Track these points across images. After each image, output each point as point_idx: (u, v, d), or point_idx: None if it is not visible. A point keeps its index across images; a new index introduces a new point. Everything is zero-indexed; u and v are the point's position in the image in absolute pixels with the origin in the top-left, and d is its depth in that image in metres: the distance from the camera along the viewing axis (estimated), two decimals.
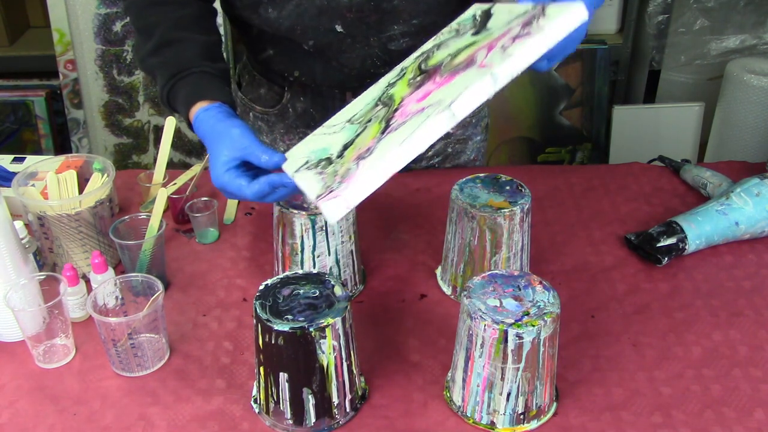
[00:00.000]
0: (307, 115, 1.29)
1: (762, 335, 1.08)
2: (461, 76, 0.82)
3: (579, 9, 0.77)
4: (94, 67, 2.31)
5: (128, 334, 1.00)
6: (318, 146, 0.97)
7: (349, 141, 0.90)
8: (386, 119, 0.87)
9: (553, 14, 0.78)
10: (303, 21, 1.11)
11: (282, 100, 1.29)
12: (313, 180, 0.88)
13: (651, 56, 2.48)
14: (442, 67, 0.89)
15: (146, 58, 1.10)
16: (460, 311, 0.92)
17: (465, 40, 0.92)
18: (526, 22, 0.81)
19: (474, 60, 0.83)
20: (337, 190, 0.80)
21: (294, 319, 0.88)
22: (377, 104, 0.94)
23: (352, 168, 0.81)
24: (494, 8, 0.94)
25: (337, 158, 0.88)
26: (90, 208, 1.15)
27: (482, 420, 0.93)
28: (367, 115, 0.93)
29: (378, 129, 0.87)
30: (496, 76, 0.77)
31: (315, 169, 0.90)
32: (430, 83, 0.87)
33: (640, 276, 1.19)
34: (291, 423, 0.93)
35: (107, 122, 2.38)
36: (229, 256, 1.25)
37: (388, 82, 0.98)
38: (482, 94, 0.77)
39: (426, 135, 0.77)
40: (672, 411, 0.96)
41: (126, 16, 2.15)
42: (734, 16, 2.41)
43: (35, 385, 1.01)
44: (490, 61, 0.79)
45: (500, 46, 0.80)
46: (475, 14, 0.96)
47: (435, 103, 0.80)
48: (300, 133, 1.31)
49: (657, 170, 1.47)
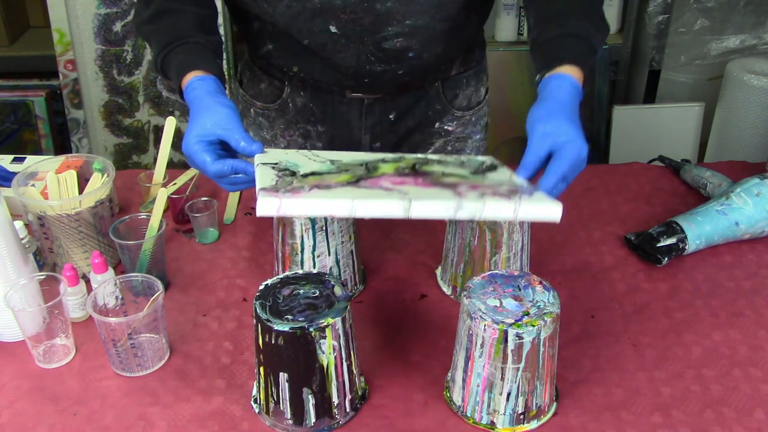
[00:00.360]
0: (307, 110, 1.29)
1: (762, 335, 1.08)
2: (437, 189, 0.91)
3: (556, 210, 0.86)
4: (94, 67, 2.31)
5: (128, 334, 1.00)
6: (294, 160, 1.01)
7: (319, 172, 0.96)
8: (359, 177, 0.95)
9: (535, 201, 0.87)
10: (298, 22, 1.11)
11: (282, 95, 1.29)
12: (268, 177, 0.92)
13: (651, 56, 2.48)
14: (430, 175, 0.98)
15: (143, 25, 1.14)
16: (460, 311, 0.92)
17: (462, 171, 1.01)
18: (513, 190, 0.90)
19: (455, 186, 0.92)
20: (280, 193, 0.84)
21: (294, 319, 0.88)
22: (363, 165, 1.00)
23: (304, 188, 0.87)
24: (501, 167, 1.03)
25: (301, 176, 0.93)
26: (90, 208, 1.15)
27: (482, 420, 0.93)
28: (348, 166, 0.99)
29: (347, 179, 0.94)
30: (460, 206, 0.84)
31: (276, 172, 0.95)
32: (412, 180, 0.95)
33: (640, 276, 1.19)
34: (291, 423, 0.93)
35: (107, 122, 2.38)
36: (229, 256, 1.25)
37: (383, 157, 1.05)
38: (442, 212, 0.84)
39: (375, 207, 0.83)
40: (672, 411, 0.96)
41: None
42: (734, 16, 2.41)
43: (35, 385, 1.01)
44: (466, 194, 0.88)
45: (481, 192, 0.89)
46: (485, 162, 1.06)
47: (403, 191, 0.88)
48: (300, 128, 1.32)
49: (657, 170, 1.47)
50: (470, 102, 1.34)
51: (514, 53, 2.36)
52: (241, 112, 1.34)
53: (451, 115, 1.33)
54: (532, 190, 0.90)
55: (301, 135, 1.32)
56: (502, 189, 0.90)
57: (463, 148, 1.37)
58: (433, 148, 1.35)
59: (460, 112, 1.33)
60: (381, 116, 1.29)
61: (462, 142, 1.36)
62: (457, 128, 1.34)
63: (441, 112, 1.32)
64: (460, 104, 1.33)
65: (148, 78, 2.33)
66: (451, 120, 1.33)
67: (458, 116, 1.33)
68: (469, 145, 1.37)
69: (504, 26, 2.41)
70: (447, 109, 1.32)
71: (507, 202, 0.85)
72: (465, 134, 1.36)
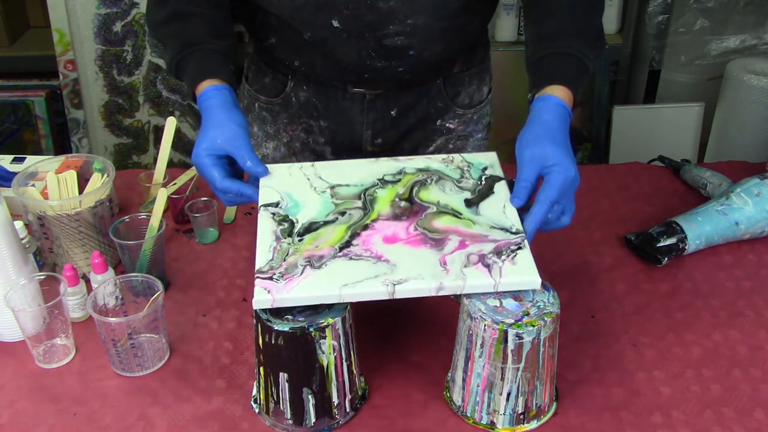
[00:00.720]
0: (310, 104, 1.30)
1: (762, 335, 1.08)
2: (422, 255, 0.93)
3: (535, 282, 0.90)
4: (94, 67, 2.31)
5: (128, 334, 1.00)
6: (296, 195, 1.04)
7: (316, 224, 0.98)
8: (353, 231, 0.96)
9: (519, 267, 0.91)
10: (301, 14, 1.14)
11: (285, 89, 1.31)
12: (266, 240, 0.96)
13: (651, 56, 2.47)
14: (423, 215, 0.99)
15: (157, 26, 1.17)
16: (460, 311, 0.92)
17: (456, 201, 1.01)
18: (498, 250, 0.93)
19: (443, 243, 0.94)
20: (274, 285, 0.89)
21: (294, 319, 0.88)
22: (361, 196, 1.03)
23: (297, 269, 0.91)
24: (497, 186, 1.04)
25: (297, 237, 0.96)
26: (90, 208, 1.15)
27: (482, 420, 0.93)
28: (347, 204, 1.01)
29: (340, 236, 0.96)
30: (441, 287, 0.89)
31: (276, 225, 0.98)
32: (403, 227, 0.97)
33: (640, 276, 1.19)
34: (291, 423, 0.93)
35: (107, 122, 2.38)
36: (229, 256, 1.25)
37: (384, 175, 1.06)
38: (424, 293, 0.89)
39: (361, 295, 0.89)
40: (672, 411, 0.96)
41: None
42: (734, 16, 2.41)
43: (35, 385, 1.01)
44: (450, 266, 0.91)
45: (463, 262, 0.91)
46: (482, 177, 1.06)
47: (390, 265, 0.91)
48: (303, 123, 1.32)
49: (657, 170, 1.47)
50: (472, 100, 1.34)
51: (514, 53, 2.35)
52: (246, 107, 1.37)
53: (453, 112, 1.33)
54: (517, 247, 0.93)
55: (304, 130, 1.33)
56: (487, 248, 0.93)
57: (464, 146, 1.37)
58: (434, 146, 1.35)
59: (461, 110, 1.33)
60: (383, 112, 1.29)
61: (463, 140, 1.37)
62: (458, 126, 1.34)
63: (443, 110, 1.32)
64: (462, 102, 1.33)
65: (148, 78, 2.33)
66: (452, 118, 1.33)
67: (460, 114, 1.33)
68: (470, 143, 1.38)
69: (504, 26, 2.41)
70: (449, 107, 1.32)
71: (487, 279, 0.89)
72: (467, 132, 1.36)
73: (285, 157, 1.36)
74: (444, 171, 1.07)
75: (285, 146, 1.35)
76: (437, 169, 1.07)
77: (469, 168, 1.07)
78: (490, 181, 1.05)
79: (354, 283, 0.89)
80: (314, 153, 1.35)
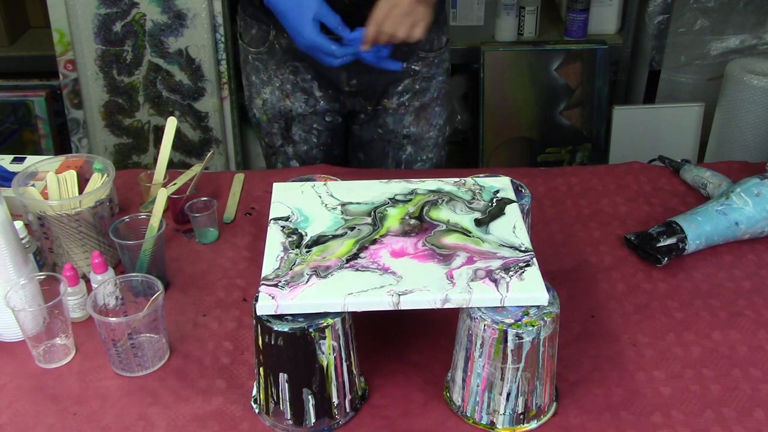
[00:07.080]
0: (291, 49, 1.42)
1: (762, 335, 1.08)
2: (429, 269, 0.93)
3: (542, 298, 0.90)
4: (94, 67, 2.31)
5: (128, 334, 1.00)
6: (306, 210, 1.04)
7: (324, 237, 0.99)
8: (361, 245, 0.97)
9: (526, 283, 0.91)
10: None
11: (269, 38, 1.44)
12: (274, 251, 0.97)
13: (651, 56, 2.48)
14: (432, 232, 0.99)
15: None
16: (460, 311, 0.92)
17: (466, 220, 1.02)
18: (507, 266, 0.93)
19: (451, 258, 0.95)
20: (279, 292, 0.90)
21: (294, 320, 0.88)
22: (371, 213, 1.03)
23: (303, 278, 0.92)
24: (509, 208, 1.04)
25: (305, 249, 0.97)
26: (90, 208, 1.15)
27: (482, 420, 0.94)
28: (357, 220, 1.02)
29: (348, 249, 0.96)
30: (447, 300, 0.89)
31: (285, 237, 0.99)
32: (412, 242, 0.98)
33: (640, 276, 1.19)
34: (291, 423, 0.93)
35: (107, 122, 2.38)
36: (229, 256, 1.25)
37: (395, 195, 1.07)
38: (429, 305, 0.89)
39: (365, 304, 0.89)
40: (672, 411, 0.96)
41: None
42: (734, 16, 2.41)
43: (35, 385, 1.01)
44: (457, 280, 0.91)
45: (470, 276, 0.91)
46: (494, 199, 1.06)
47: (397, 276, 0.92)
48: (289, 66, 1.46)
49: (657, 170, 1.47)
50: (432, 46, 1.49)
51: (513, 53, 2.35)
52: (243, 60, 1.54)
53: (416, 56, 1.48)
54: (524, 265, 0.93)
55: (292, 72, 1.47)
56: (495, 264, 0.93)
57: (428, 87, 1.52)
58: (402, 85, 1.49)
59: (423, 53, 1.48)
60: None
61: (427, 81, 1.51)
62: (422, 68, 1.50)
63: (407, 53, 1.45)
64: (423, 46, 1.47)
65: (148, 78, 2.32)
66: (416, 60, 1.48)
67: (422, 57, 1.48)
68: (433, 85, 1.52)
69: (504, 26, 2.40)
70: (412, 50, 1.46)
71: (494, 293, 0.89)
72: (430, 74, 1.51)
73: (280, 100, 1.50)
74: (455, 192, 1.08)
75: (278, 90, 1.49)
76: (449, 191, 1.08)
77: (481, 191, 1.08)
78: (501, 203, 1.05)
79: (359, 292, 0.89)
80: (305, 92, 1.48)
